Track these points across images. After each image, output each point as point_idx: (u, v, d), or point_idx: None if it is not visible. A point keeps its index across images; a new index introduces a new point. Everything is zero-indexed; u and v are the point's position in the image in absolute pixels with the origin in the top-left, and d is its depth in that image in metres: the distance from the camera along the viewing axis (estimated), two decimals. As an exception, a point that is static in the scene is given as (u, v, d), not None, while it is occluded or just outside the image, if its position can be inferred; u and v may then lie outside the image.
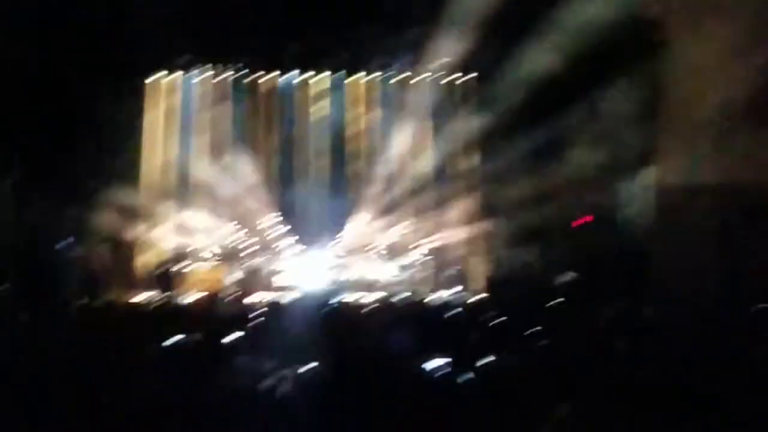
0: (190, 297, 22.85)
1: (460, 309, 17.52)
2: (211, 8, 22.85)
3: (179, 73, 25.90)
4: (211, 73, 26.10)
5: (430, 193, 25.63)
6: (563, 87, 22.19)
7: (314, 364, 9.51)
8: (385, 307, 19.35)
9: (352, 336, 11.95)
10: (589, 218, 22.97)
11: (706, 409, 8.06)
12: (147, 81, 25.53)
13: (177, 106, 25.87)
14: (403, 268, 24.33)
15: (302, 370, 9.44)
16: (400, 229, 25.22)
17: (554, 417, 8.02)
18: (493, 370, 9.43)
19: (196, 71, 26.03)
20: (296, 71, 26.28)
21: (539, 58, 21.58)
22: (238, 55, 25.82)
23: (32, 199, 22.67)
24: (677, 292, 18.57)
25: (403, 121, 26.17)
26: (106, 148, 24.37)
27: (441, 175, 25.75)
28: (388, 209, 25.48)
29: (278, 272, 24.26)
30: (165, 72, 25.70)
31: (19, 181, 23.01)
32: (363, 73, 26.43)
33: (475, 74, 25.63)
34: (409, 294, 21.95)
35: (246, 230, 25.11)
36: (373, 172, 25.93)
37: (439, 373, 9.28)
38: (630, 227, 22.71)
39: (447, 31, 23.57)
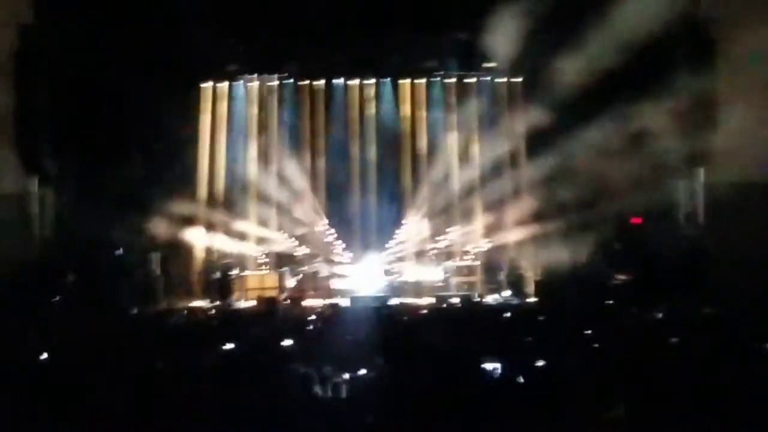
0: (247, 303, 23.11)
1: (512, 312, 17.64)
2: (262, 17, 23.06)
3: (232, 81, 26.06)
4: (263, 80, 26.24)
5: (480, 197, 25.61)
6: (614, 87, 22.19)
7: (371, 367, 9.69)
8: (438, 310, 19.54)
9: (407, 339, 12.10)
10: (638, 220, 22.92)
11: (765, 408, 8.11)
12: (201, 89, 25.71)
13: (230, 114, 26.02)
14: (455, 271, 24.35)
15: (360, 372, 9.63)
16: (451, 233, 25.27)
17: (608, 418, 8.14)
18: (547, 373, 9.56)
19: (248, 78, 26.19)
20: (346, 77, 26.35)
21: (590, 58, 21.57)
22: (289, 63, 25.95)
23: (88, 207, 22.97)
24: (734, 290, 18.57)
25: (451, 125, 26.22)
26: (160, 156, 24.63)
27: (491, 178, 25.70)
28: (440, 213, 25.53)
29: (333, 277, 24.40)
30: (218, 80, 25.89)
31: (75, 190, 23.33)
32: (411, 79, 26.42)
33: (523, 77, 25.54)
34: (461, 297, 22.03)
35: (300, 236, 25.26)
36: (423, 177, 25.97)
37: (494, 374, 9.43)
38: (684, 226, 22.69)
39: (495, 34, 23.62)
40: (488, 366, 9.48)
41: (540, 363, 9.64)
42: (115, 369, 9.81)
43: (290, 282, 24.10)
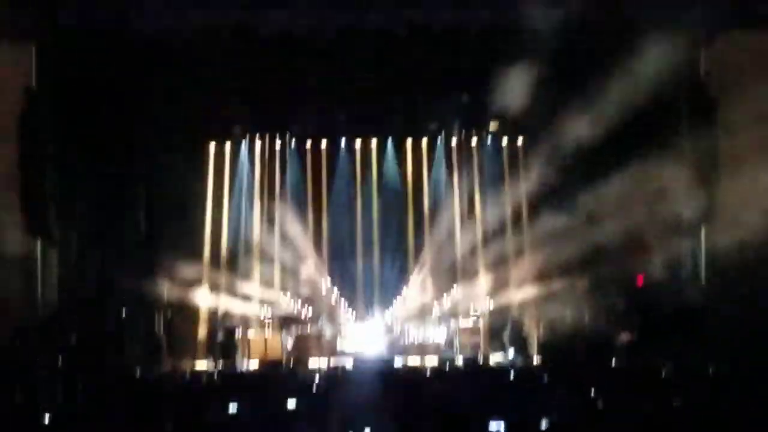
0: (251, 364, 23.05)
1: (516, 372, 17.62)
2: (266, 78, 23.22)
3: (237, 141, 26.21)
4: (267, 140, 26.41)
5: (484, 257, 25.67)
6: (616, 148, 22.29)
7: (376, 428, 9.67)
8: (442, 371, 19.51)
9: (412, 400, 12.08)
10: (641, 279, 22.92)
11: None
12: (206, 149, 25.85)
13: (234, 174, 26.13)
14: (459, 331, 24.31)
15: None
16: (455, 293, 25.28)
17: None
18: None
19: (252, 138, 26.34)
20: (350, 137, 26.51)
21: (592, 119, 21.69)
22: (293, 123, 26.11)
23: (92, 268, 23.01)
24: (737, 348, 18.57)
25: (454, 185, 26.34)
26: (165, 216, 24.70)
27: (494, 238, 25.77)
28: (444, 273, 25.57)
29: (337, 337, 24.34)
30: (223, 140, 26.04)
31: (79, 251, 23.36)
32: (414, 138, 26.57)
33: (526, 137, 25.68)
34: (465, 357, 22.00)
35: (304, 296, 25.26)
36: (427, 236, 26.05)
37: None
38: (687, 285, 22.67)
39: (497, 95, 23.76)
40: (493, 426, 9.47)
41: (544, 423, 9.63)
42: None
43: (294, 342, 23.99)
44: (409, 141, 26.53)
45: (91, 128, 22.55)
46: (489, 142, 26.41)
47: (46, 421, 11.23)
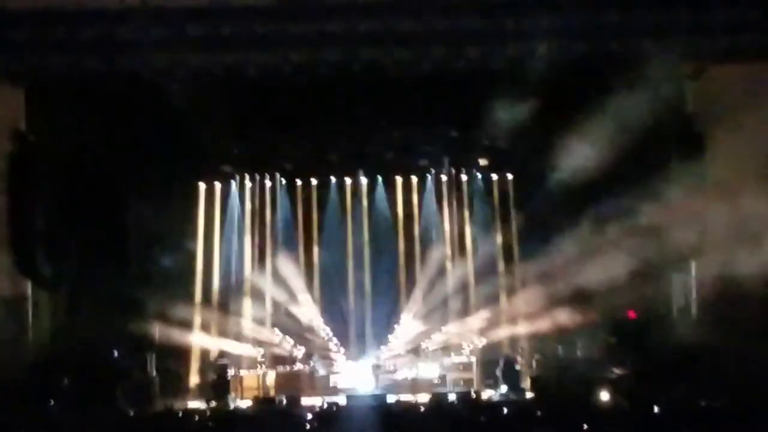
0: (243, 403, 22.98)
1: (509, 408, 17.63)
2: (255, 118, 23.31)
3: (227, 181, 26.28)
4: (254, 181, 26.49)
5: (475, 293, 25.74)
6: (605, 183, 22.39)
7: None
8: (436, 407, 19.48)
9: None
10: (632, 314, 22.97)
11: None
12: (196, 189, 25.93)
13: (225, 213, 26.21)
14: (452, 367, 24.29)
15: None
16: (447, 329, 25.28)
17: None
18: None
19: (240, 179, 26.42)
20: (340, 175, 26.58)
21: (580, 155, 21.79)
22: (283, 162, 26.20)
23: (84, 309, 23.00)
24: (728, 383, 18.59)
25: (445, 221, 26.44)
26: (156, 257, 24.75)
27: (485, 274, 25.85)
28: (435, 309, 25.60)
29: (327, 376, 24.29)
30: (213, 180, 26.11)
31: (70, 292, 23.34)
32: (404, 176, 26.66)
33: (515, 173, 25.81)
34: (458, 394, 21.96)
35: (294, 335, 25.22)
36: (418, 273, 26.11)
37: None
38: (678, 319, 22.72)
39: (486, 131, 23.89)
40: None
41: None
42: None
43: (286, 381, 23.95)
44: (398, 178, 26.61)
45: (81, 170, 22.62)
46: (479, 178, 26.49)
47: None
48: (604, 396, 19.95)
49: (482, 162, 26.24)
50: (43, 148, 22.23)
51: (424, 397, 22.23)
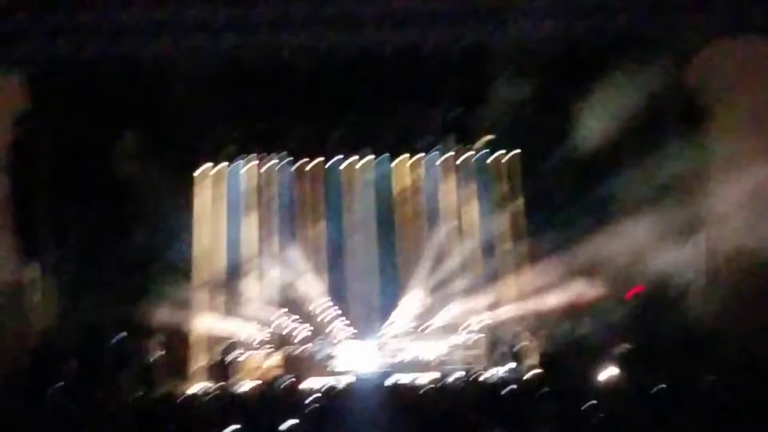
0: (245, 386, 22.94)
1: (517, 385, 17.53)
2: (257, 98, 23.24)
3: (227, 163, 26.23)
4: (257, 161, 26.42)
5: (480, 271, 25.67)
6: (610, 158, 22.31)
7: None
8: (440, 387, 19.40)
9: (412, 417, 12.02)
10: (639, 288, 22.87)
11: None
12: (198, 170, 25.87)
13: (228, 195, 26.18)
14: (456, 346, 24.25)
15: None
16: (451, 308, 25.23)
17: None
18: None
19: (243, 160, 26.37)
20: (341, 156, 26.53)
21: (584, 129, 21.73)
22: (286, 142, 26.12)
23: (88, 293, 22.95)
24: (735, 359, 18.50)
25: (450, 199, 26.37)
26: (159, 239, 24.68)
27: (491, 251, 25.80)
28: (439, 288, 25.53)
29: (332, 356, 24.27)
30: (215, 161, 26.07)
31: (74, 276, 23.30)
32: (409, 154, 26.62)
33: (521, 150, 25.73)
34: (463, 372, 21.90)
35: (298, 316, 25.20)
36: (422, 252, 26.04)
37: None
38: (684, 294, 22.63)
39: (491, 108, 23.80)
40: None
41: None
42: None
43: (288, 363, 23.92)
44: (404, 156, 26.54)
45: (82, 155, 22.55)
46: (484, 155, 26.38)
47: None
48: (612, 372, 19.90)
49: (485, 140, 26.11)
50: (46, 133, 22.18)
51: (430, 376, 22.19)
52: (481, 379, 21.28)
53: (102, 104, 22.34)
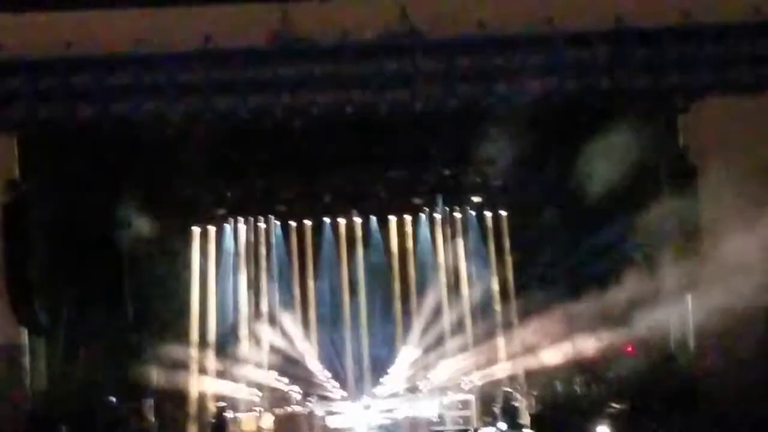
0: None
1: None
2: (248, 161, 23.37)
3: (221, 224, 26.28)
4: (249, 222, 26.48)
5: (472, 330, 25.71)
6: (600, 218, 22.47)
7: None
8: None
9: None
10: (630, 348, 22.91)
11: None
12: (191, 233, 25.90)
13: (220, 256, 26.21)
14: (450, 405, 24.20)
15: None
16: (444, 367, 25.23)
17: None
18: None
19: (236, 221, 26.42)
20: (334, 216, 26.58)
21: (575, 190, 21.88)
22: (277, 204, 26.18)
23: (80, 356, 22.93)
24: (728, 417, 18.59)
25: (440, 259, 26.43)
26: (151, 301, 24.69)
27: (482, 311, 25.84)
28: (432, 348, 25.54)
29: (328, 416, 24.20)
30: (207, 223, 26.11)
31: (67, 339, 23.27)
32: (398, 215, 26.67)
33: (510, 210, 25.83)
34: (458, 431, 21.90)
35: (293, 376, 25.17)
36: (414, 312, 26.06)
37: None
38: (676, 354, 22.70)
39: (480, 169, 24.00)
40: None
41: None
42: None
43: (285, 423, 23.85)
44: (392, 218, 26.63)
45: (76, 217, 22.60)
46: (472, 216, 26.49)
47: None
48: (604, 430, 19.94)
49: (475, 200, 26.23)
50: (37, 197, 22.24)
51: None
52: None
53: (94, 167, 22.45)
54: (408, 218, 26.67)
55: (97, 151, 22.21)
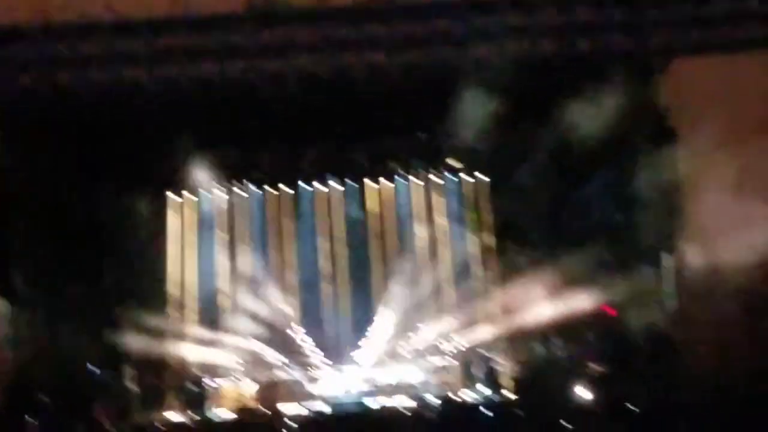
0: (223, 413, 22.89)
1: (491, 409, 17.65)
2: (227, 128, 23.24)
3: (200, 191, 26.23)
4: (229, 189, 26.43)
5: (452, 294, 25.77)
6: (580, 179, 22.49)
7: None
8: (417, 411, 19.49)
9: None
10: (610, 310, 22.93)
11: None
12: (169, 200, 25.86)
13: (199, 224, 26.18)
14: (432, 370, 24.24)
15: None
16: (425, 332, 25.28)
17: None
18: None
19: (215, 188, 26.36)
20: (310, 183, 26.56)
21: (554, 150, 21.85)
22: (255, 171, 26.13)
23: (61, 325, 22.86)
24: (706, 376, 18.66)
25: (420, 224, 26.45)
26: (131, 270, 24.64)
27: (462, 275, 25.90)
28: (413, 312, 25.57)
29: (309, 382, 24.25)
30: (186, 191, 26.06)
31: (47, 309, 23.19)
32: (377, 181, 26.67)
33: (489, 174, 25.86)
34: (440, 396, 21.95)
35: (274, 342, 25.19)
36: (395, 277, 26.08)
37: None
38: (654, 313, 22.75)
39: (460, 134, 23.93)
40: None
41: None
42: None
43: (265, 389, 23.85)
44: (371, 184, 26.61)
45: (53, 187, 22.49)
46: (453, 181, 26.50)
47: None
48: (584, 394, 20.01)
49: (454, 163, 26.23)
50: (15, 167, 22.07)
51: (405, 402, 22.22)
52: (455, 403, 21.37)
53: (71, 135, 22.28)
54: (386, 183, 26.68)
55: (74, 120, 22.04)
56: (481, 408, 18.88)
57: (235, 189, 26.47)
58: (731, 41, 21.02)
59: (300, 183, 26.55)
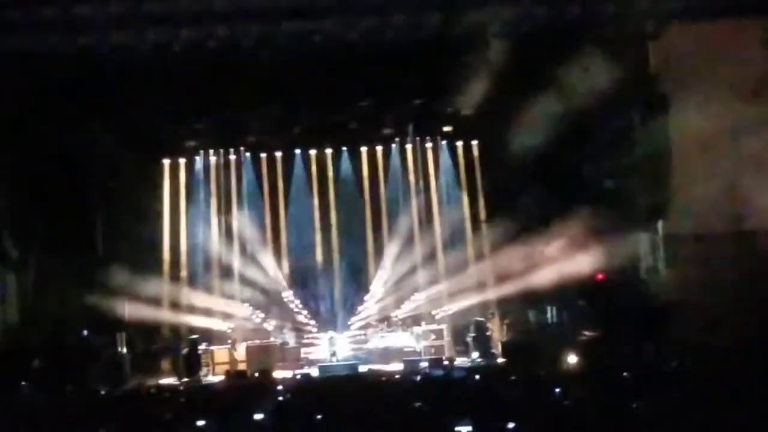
0: (215, 377, 22.93)
1: (481, 374, 17.67)
2: (219, 92, 23.13)
3: (192, 156, 26.19)
4: (222, 154, 26.41)
5: (444, 260, 25.81)
6: (572, 146, 22.48)
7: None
8: (408, 375, 19.51)
9: (380, 406, 12.08)
10: (601, 276, 22.95)
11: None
12: (161, 165, 25.86)
13: (191, 189, 26.17)
14: (423, 335, 24.27)
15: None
16: (417, 297, 25.33)
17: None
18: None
19: (206, 153, 26.33)
20: (305, 147, 26.53)
21: (546, 117, 21.80)
22: (247, 136, 26.09)
23: (52, 289, 22.88)
24: (697, 343, 18.72)
25: (412, 189, 26.44)
26: (122, 235, 24.64)
27: (454, 241, 25.93)
28: (405, 278, 25.63)
29: (301, 347, 24.29)
30: (178, 156, 26.02)
31: (38, 273, 23.20)
32: (369, 145, 26.64)
33: (481, 139, 25.85)
34: (430, 361, 21.99)
35: (266, 307, 25.22)
36: (387, 242, 26.12)
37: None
38: (646, 279, 22.79)
39: (450, 98, 23.88)
40: (461, 429, 9.51)
41: (511, 424, 9.67)
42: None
43: (258, 353, 23.85)
44: (363, 148, 26.57)
45: (44, 149, 22.43)
46: (444, 146, 26.49)
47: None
48: (574, 359, 20.07)
49: (446, 129, 26.21)
50: (4, 130, 22.00)
51: (396, 366, 22.27)
52: (445, 367, 21.40)
53: (61, 101, 22.16)
54: (379, 148, 26.64)
55: (65, 84, 21.90)
56: (471, 372, 18.88)
57: (227, 154, 26.43)
58: (723, 7, 20.94)
59: (292, 149, 26.52)
